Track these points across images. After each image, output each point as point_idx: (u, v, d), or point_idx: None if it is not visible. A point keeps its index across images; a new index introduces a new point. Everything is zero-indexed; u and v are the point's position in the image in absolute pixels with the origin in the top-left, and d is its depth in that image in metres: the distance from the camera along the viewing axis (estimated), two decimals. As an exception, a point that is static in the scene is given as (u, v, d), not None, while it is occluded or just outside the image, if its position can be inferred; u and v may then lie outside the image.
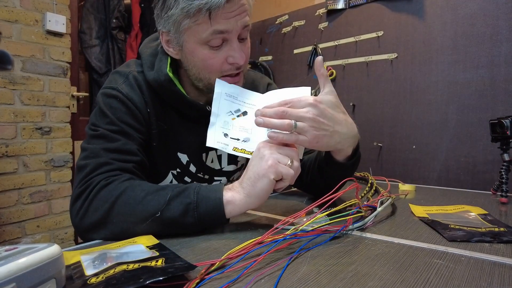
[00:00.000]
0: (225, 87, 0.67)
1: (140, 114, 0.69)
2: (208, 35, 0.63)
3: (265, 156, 0.56)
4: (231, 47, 0.65)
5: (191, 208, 0.55)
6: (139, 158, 0.66)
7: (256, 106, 0.67)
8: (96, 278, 0.36)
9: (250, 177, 0.56)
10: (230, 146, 0.64)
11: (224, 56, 0.66)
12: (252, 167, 0.57)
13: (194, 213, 0.55)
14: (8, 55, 0.78)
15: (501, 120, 0.84)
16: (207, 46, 0.65)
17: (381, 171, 1.82)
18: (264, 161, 0.55)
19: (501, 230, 0.56)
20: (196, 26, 0.63)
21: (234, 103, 0.67)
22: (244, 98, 0.68)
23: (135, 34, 2.61)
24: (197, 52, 0.66)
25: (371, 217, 0.61)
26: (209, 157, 0.81)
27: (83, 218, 0.57)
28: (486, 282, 0.38)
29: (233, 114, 0.66)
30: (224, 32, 0.63)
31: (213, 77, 0.68)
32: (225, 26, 0.62)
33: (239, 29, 0.64)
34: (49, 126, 2.01)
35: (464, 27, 1.58)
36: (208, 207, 0.55)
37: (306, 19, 2.18)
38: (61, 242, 2.07)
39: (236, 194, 0.56)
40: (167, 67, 0.70)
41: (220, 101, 0.66)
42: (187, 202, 0.55)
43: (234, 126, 0.65)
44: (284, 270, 0.42)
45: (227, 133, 0.65)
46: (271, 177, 0.54)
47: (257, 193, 0.55)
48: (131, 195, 0.56)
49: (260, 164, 0.55)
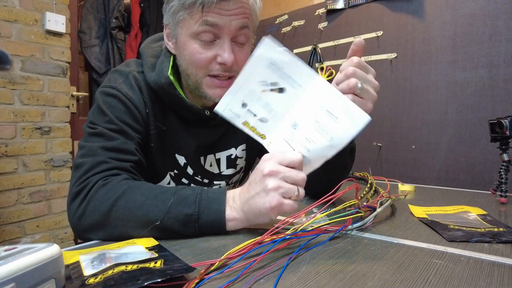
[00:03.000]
0: (273, 51, 0.51)
1: (139, 114, 0.69)
2: (198, 26, 0.63)
3: (270, 192, 0.50)
4: (221, 46, 0.65)
5: (192, 220, 0.54)
6: (137, 158, 0.65)
7: (302, 87, 0.52)
8: (94, 278, 0.36)
9: (251, 206, 0.52)
10: (242, 118, 0.54)
11: (214, 54, 0.65)
12: (254, 196, 0.52)
13: (195, 225, 0.54)
14: (6, 54, 0.78)
15: (500, 120, 0.84)
16: (198, 40, 0.64)
17: (380, 171, 1.82)
18: (268, 198, 0.50)
19: (500, 230, 0.56)
20: (190, 18, 0.63)
21: (275, 73, 0.52)
22: (291, 72, 0.52)
23: (134, 34, 2.61)
24: (188, 45, 0.66)
25: (371, 217, 0.61)
26: (208, 161, 0.80)
27: (81, 218, 0.56)
28: (485, 282, 0.38)
29: (266, 86, 0.52)
30: (214, 26, 0.62)
31: (200, 73, 0.67)
32: (216, 19, 0.62)
33: (232, 29, 0.64)
34: (48, 126, 2.00)
35: (463, 27, 1.58)
36: (209, 220, 0.54)
37: (306, 19, 2.18)
38: (61, 242, 2.07)
39: (237, 215, 0.55)
40: (169, 70, 0.70)
41: (258, 66, 0.51)
42: (188, 213, 0.54)
43: (260, 99, 0.53)
44: (284, 270, 0.42)
45: (246, 103, 0.53)
46: (273, 217, 0.52)
47: (258, 222, 0.54)
48: (131, 198, 0.55)
49: (264, 200, 0.50)
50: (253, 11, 0.67)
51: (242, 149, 0.85)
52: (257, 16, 0.70)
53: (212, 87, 0.68)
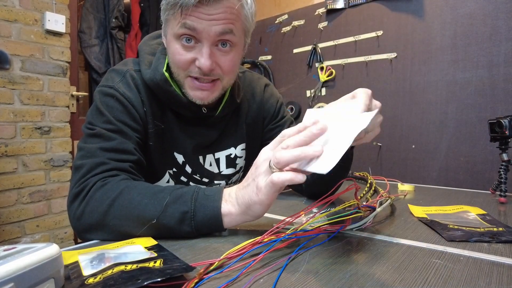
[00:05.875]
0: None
1: (136, 113, 0.69)
2: (178, 28, 0.63)
3: (259, 176, 0.49)
4: (200, 50, 0.65)
5: (188, 217, 0.53)
6: (136, 157, 0.65)
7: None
8: (93, 278, 0.36)
9: (244, 196, 0.51)
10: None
11: (193, 57, 0.65)
12: (246, 186, 0.52)
13: (191, 222, 0.53)
14: (5, 54, 0.78)
15: (499, 119, 0.84)
16: (179, 41, 0.65)
17: (380, 171, 1.82)
18: (256, 183, 0.49)
19: (500, 230, 0.56)
20: (173, 19, 0.64)
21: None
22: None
23: (134, 33, 2.61)
24: (171, 45, 0.67)
25: (370, 217, 0.61)
26: (207, 161, 0.81)
27: (80, 219, 0.57)
28: (484, 281, 0.38)
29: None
30: (192, 29, 0.62)
31: (181, 74, 0.68)
32: (194, 23, 0.62)
33: (212, 34, 0.63)
34: (48, 125, 2.00)
35: (463, 26, 1.58)
36: (205, 217, 0.53)
37: (306, 19, 2.18)
38: (61, 242, 2.07)
39: (232, 208, 0.53)
40: (164, 67, 0.70)
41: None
42: (184, 210, 0.53)
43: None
44: (283, 269, 0.42)
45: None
46: (265, 201, 0.49)
47: (253, 214, 0.52)
48: (128, 198, 0.55)
49: (253, 187, 0.50)
50: (243, 15, 0.66)
51: (241, 149, 0.85)
52: (248, 19, 0.68)
53: (193, 89, 0.69)
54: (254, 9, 0.69)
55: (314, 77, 2.11)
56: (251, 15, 0.68)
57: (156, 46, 0.76)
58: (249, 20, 0.69)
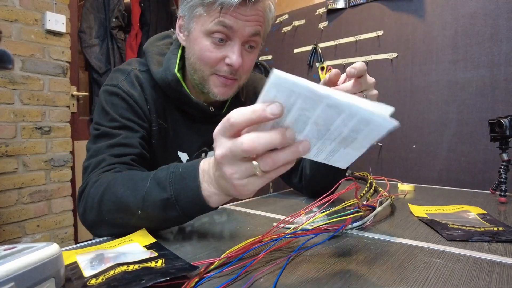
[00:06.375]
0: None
1: (140, 110, 0.70)
2: (213, 25, 0.63)
3: (228, 180, 0.40)
4: (231, 48, 0.66)
5: (171, 203, 0.49)
6: (138, 151, 0.66)
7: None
8: (95, 279, 0.36)
9: (221, 185, 0.44)
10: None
11: (223, 54, 0.66)
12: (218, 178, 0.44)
13: (175, 207, 0.49)
14: (8, 54, 0.78)
15: (499, 119, 0.84)
16: (210, 38, 0.65)
17: (381, 170, 1.82)
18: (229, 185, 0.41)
19: (500, 229, 0.56)
20: (206, 16, 0.64)
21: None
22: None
23: (135, 33, 2.61)
24: (200, 41, 0.67)
25: (370, 216, 0.60)
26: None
27: (84, 217, 0.58)
28: (484, 281, 0.38)
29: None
30: (229, 28, 0.63)
31: (206, 71, 0.68)
32: (232, 22, 0.63)
33: (245, 34, 0.65)
34: (49, 125, 2.00)
35: (464, 26, 1.57)
36: (188, 199, 0.48)
37: (306, 19, 2.18)
38: (61, 242, 2.07)
39: (214, 189, 0.46)
40: (176, 67, 0.71)
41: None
42: (164, 197, 0.49)
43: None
44: (283, 269, 0.42)
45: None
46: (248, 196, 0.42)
47: (233, 195, 0.44)
48: (113, 191, 0.54)
49: (228, 185, 0.41)
50: (267, 19, 0.68)
51: None
52: (269, 24, 0.70)
53: (218, 86, 0.70)
54: (274, 15, 0.71)
55: (314, 77, 2.12)
56: (272, 20, 0.70)
57: (163, 47, 0.77)
58: (269, 24, 0.71)
